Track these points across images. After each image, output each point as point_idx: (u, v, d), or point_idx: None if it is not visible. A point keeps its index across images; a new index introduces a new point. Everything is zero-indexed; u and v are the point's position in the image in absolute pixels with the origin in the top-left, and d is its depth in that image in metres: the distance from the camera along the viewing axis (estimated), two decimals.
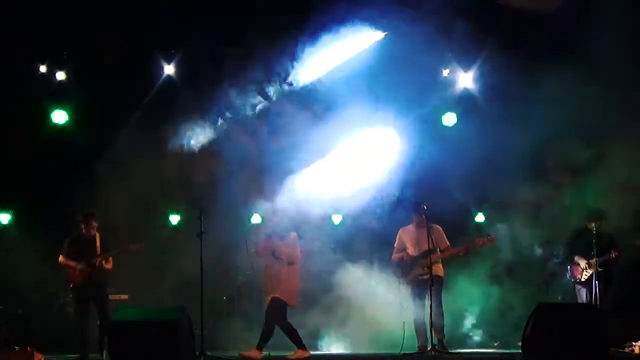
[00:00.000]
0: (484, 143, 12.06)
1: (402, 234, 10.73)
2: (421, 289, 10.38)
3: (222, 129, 12.48)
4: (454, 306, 11.47)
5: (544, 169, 12.21)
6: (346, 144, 12.46)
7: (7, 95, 12.09)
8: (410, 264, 10.55)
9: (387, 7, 11.76)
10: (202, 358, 9.29)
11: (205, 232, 9.71)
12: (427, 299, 10.23)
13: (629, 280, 11.52)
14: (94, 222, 10.68)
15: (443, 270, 10.64)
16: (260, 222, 10.11)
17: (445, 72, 12.99)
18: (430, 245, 10.24)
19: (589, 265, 10.77)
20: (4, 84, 12.03)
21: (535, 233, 12.30)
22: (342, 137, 12.35)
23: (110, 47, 12.19)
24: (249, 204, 11.86)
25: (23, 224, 12.52)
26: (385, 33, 12.21)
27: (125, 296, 11.80)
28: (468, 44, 12.29)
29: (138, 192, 12.12)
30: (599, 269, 10.67)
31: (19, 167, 12.07)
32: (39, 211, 12.18)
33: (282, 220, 10.22)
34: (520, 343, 9.13)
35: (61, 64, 12.51)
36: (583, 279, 10.84)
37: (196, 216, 9.79)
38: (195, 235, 9.71)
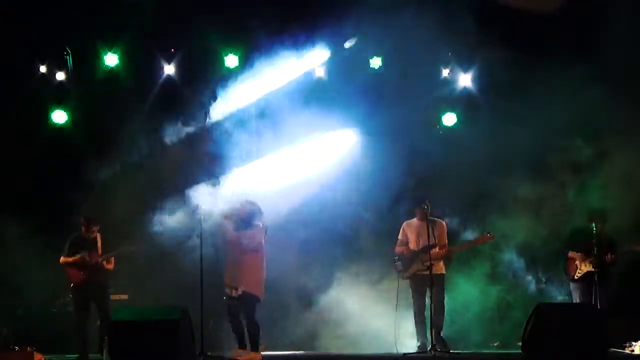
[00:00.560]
0: (484, 141, 12.06)
1: (406, 228, 10.72)
2: (421, 285, 10.37)
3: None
4: (453, 306, 11.46)
5: (546, 166, 12.18)
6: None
7: (7, 95, 12.09)
8: (411, 258, 10.54)
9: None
10: (202, 358, 9.29)
11: (205, 233, 9.71)
12: (427, 295, 10.23)
13: (629, 280, 11.52)
14: (95, 227, 10.72)
15: (444, 268, 10.63)
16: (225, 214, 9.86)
17: (445, 72, 13.01)
18: (432, 241, 10.25)
19: (584, 263, 10.75)
20: (4, 84, 12.03)
21: (535, 232, 12.28)
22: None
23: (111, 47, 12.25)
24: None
25: (22, 224, 12.50)
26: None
27: (125, 296, 11.80)
28: (468, 42, 12.32)
29: (138, 192, 12.15)
30: (593, 269, 10.63)
31: (19, 167, 12.06)
32: (39, 211, 12.16)
33: (247, 210, 9.97)
34: (520, 343, 9.14)
35: (61, 64, 12.52)
36: (577, 277, 10.82)
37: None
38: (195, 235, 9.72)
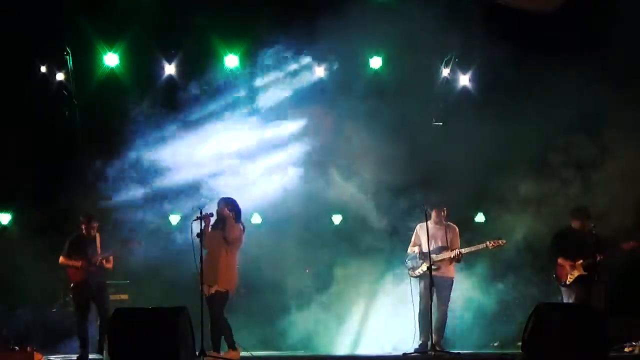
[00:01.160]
0: (485, 141, 12.07)
1: (419, 230, 10.79)
2: (430, 285, 10.39)
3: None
4: (454, 306, 11.46)
5: (548, 165, 12.17)
6: None
7: (7, 95, 12.09)
8: (422, 259, 10.62)
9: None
10: (202, 358, 9.29)
11: (204, 233, 9.71)
12: (435, 296, 10.29)
13: (629, 280, 11.51)
14: (95, 223, 10.72)
15: (454, 271, 10.71)
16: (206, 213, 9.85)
17: (444, 72, 13.03)
18: (445, 244, 10.47)
19: (574, 267, 10.64)
20: (4, 84, 12.03)
21: (536, 231, 12.28)
22: None
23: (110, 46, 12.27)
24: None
25: (23, 224, 12.52)
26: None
27: (125, 296, 11.81)
28: (468, 41, 12.34)
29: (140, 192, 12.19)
30: (584, 273, 10.55)
31: (19, 167, 12.06)
32: (39, 211, 12.17)
33: (225, 209, 9.94)
34: (520, 343, 9.13)
35: (61, 64, 12.52)
36: (568, 282, 10.68)
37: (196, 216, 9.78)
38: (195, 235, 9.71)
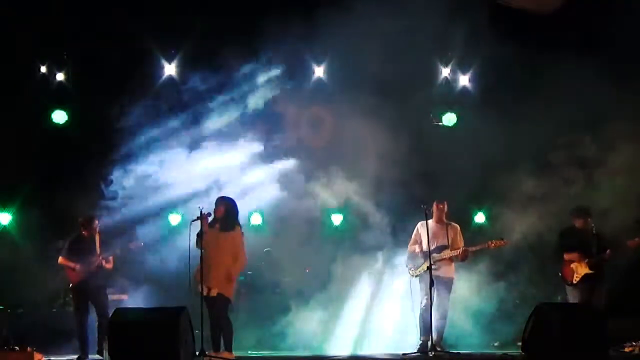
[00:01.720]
0: (485, 139, 12.09)
1: (420, 228, 10.74)
2: (429, 285, 10.37)
3: None
4: (454, 305, 11.46)
5: (550, 163, 12.16)
6: None
7: (7, 95, 12.09)
8: (422, 257, 10.57)
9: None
10: (202, 358, 9.29)
11: (206, 233, 9.71)
12: (435, 296, 10.27)
13: (629, 280, 11.51)
14: (95, 224, 10.73)
15: (454, 271, 10.70)
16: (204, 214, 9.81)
17: (445, 71, 13.03)
18: (446, 242, 10.42)
19: (580, 266, 10.65)
20: (4, 84, 12.03)
21: (537, 230, 12.27)
22: None
23: (110, 47, 12.26)
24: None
25: (23, 224, 12.51)
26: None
27: (125, 296, 11.80)
28: (468, 41, 12.35)
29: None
30: (590, 271, 10.55)
31: (19, 167, 12.06)
32: (39, 211, 12.17)
33: (223, 209, 9.85)
34: (520, 343, 9.13)
35: (61, 64, 12.52)
36: (575, 281, 10.68)
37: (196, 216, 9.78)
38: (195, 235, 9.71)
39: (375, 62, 12.03)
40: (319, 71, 12.91)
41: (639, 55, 11.51)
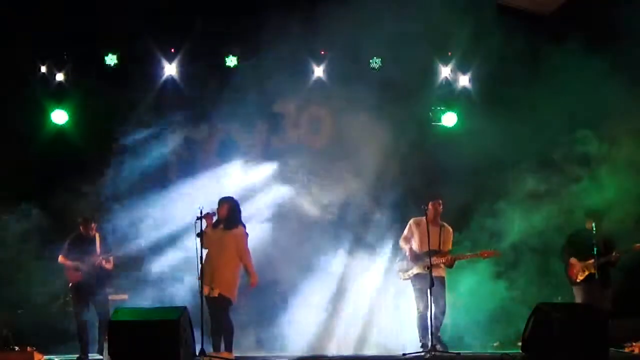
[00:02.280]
0: (486, 139, 12.08)
1: (413, 225, 10.60)
2: (424, 284, 10.30)
3: None
4: (453, 305, 11.46)
5: (550, 163, 12.15)
6: None
7: (7, 95, 12.09)
8: (413, 260, 10.48)
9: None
10: (202, 358, 9.29)
11: (206, 233, 9.71)
12: (430, 296, 10.25)
13: (629, 280, 11.50)
14: (94, 224, 10.74)
15: (445, 270, 10.62)
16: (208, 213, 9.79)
17: (445, 71, 13.04)
18: (437, 246, 10.28)
19: (585, 266, 10.71)
20: (4, 84, 12.03)
21: (537, 230, 12.26)
22: None
23: (110, 46, 12.27)
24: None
25: (23, 223, 12.50)
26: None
27: (125, 296, 11.80)
28: (468, 40, 12.36)
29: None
30: (594, 271, 10.57)
31: (19, 167, 12.06)
32: (39, 211, 12.16)
33: (225, 209, 9.84)
34: (520, 343, 9.13)
35: (61, 64, 12.52)
36: (579, 281, 10.75)
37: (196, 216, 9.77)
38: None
39: (375, 61, 12.06)
40: (319, 71, 12.89)
41: None
